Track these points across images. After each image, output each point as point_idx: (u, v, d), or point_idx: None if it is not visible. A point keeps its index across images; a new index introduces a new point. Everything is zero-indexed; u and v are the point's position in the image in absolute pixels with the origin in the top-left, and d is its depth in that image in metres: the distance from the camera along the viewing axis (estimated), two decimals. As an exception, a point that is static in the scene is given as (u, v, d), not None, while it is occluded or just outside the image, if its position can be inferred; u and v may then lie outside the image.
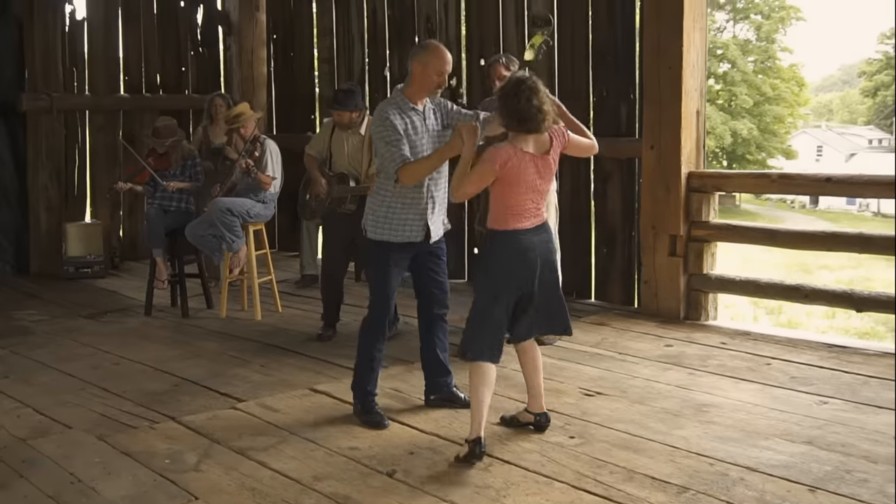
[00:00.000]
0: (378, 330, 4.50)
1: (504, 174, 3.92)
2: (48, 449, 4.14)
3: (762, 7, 43.04)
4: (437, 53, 4.35)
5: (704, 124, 6.46)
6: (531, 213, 4.03)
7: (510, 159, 3.90)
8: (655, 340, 5.88)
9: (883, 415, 4.39)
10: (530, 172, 3.95)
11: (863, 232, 5.90)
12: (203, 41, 9.92)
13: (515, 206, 3.99)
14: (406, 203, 4.36)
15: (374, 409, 4.45)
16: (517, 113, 3.88)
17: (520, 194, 3.97)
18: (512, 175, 3.92)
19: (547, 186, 4.09)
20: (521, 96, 3.86)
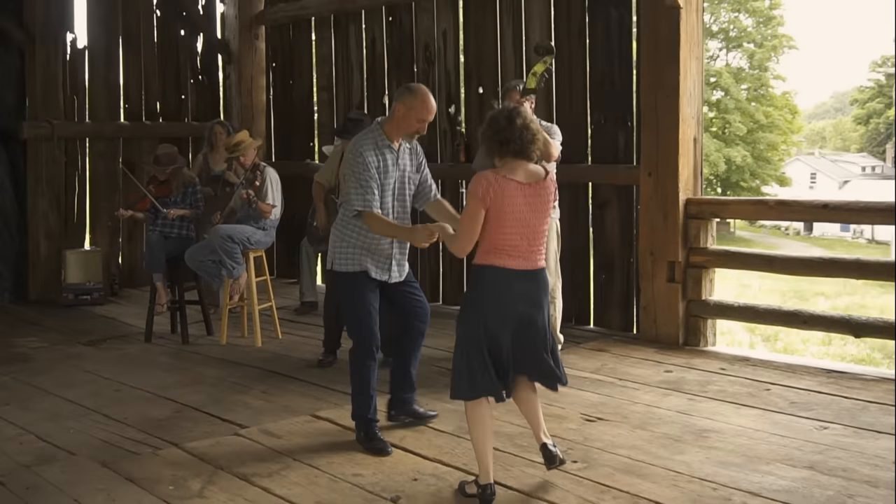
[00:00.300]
0: (367, 356, 4.51)
1: (490, 206, 3.73)
2: (52, 475, 4.15)
3: (755, 36, 43.35)
4: (422, 100, 4.40)
5: (702, 152, 6.52)
6: (519, 251, 3.77)
7: (491, 185, 3.70)
8: (655, 366, 5.91)
9: (883, 440, 4.42)
10: (517, 203, 3.73)
11: (860, 258, 5.95)
12: (203, 69, 10.00)
13: (499, 241, 3.75)
14: (370, 241, 4.46)
15: (377, 436, 4.47)
16: (507, 137, 3.73)
17: (504, 226, 3.73)
18: (496, 204, 3.71)
19: (540, 224, 3.82)
20: (514, 122, 3.75)
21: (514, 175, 3.75)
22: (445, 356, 6.24)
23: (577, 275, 7.15)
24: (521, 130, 3.74)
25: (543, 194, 3.81)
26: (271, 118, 10.01)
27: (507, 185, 3.72)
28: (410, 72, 8.44)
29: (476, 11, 7.91)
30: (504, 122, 3.77)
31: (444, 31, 8.15)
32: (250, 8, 9.78)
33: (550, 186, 3.85)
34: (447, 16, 8.13)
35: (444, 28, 8.15)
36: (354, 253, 4.48)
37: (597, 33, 7.02)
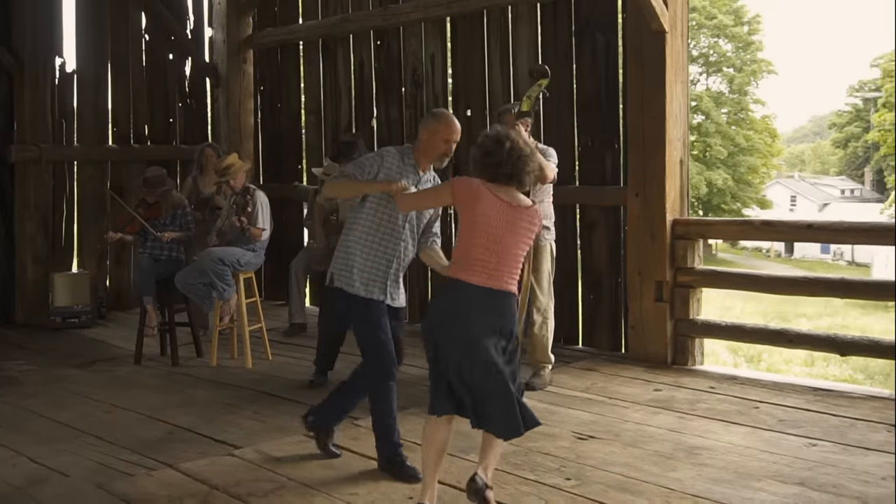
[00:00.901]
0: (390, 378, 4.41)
1: (462, 203, 3.74)
2: (47, 497, 4.15)
3: (734, 60, 43.84)
4: (446, 122, 4.41)
5: (688, 173, 6.62)
6: (486, 266, 3.69)
7: (471, 188, 3.71)
8: (644, 385, 5.96)
9: (871, 456, 4.48)
10: (490, 212, 3.67)
11: (844, 277, 6.04)
12: (191, 93, 10.04)
13: (468, 252, 3.71)
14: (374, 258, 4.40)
15: (405, 462, 4.38)
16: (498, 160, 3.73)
17: (476, 237, 3.68)
18: (470, 204, 3.70)
19: (513, 246, 3.72)
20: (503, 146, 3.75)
21: (499, 192, 3.72)
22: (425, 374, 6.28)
23: (565, 295, 7.20)
24: (511, 155, 3.72)
25: (524, 218, 3.74)
26: (259, 141, 10.06)
27: (489, 196, 3.69)
28: (398, 95, 8.52)
29: (463, 35, 8.01)
30: (493, 145, 3.76)
31: (431, 54, 8.23)
32: (238, 32, 9.85)
33: (534, 215, 3.79)
34: (435, 39, 8.22)
35: (431, 52, 8.23)
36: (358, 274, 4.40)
37: (584, 57, 7.12)
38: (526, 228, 3.74)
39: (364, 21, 8.73)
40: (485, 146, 3.80)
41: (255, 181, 9.44)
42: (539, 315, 5.92)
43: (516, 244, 3.73)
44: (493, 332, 3.68)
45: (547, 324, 5.97)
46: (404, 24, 8.39)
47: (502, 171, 3.72)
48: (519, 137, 3.83)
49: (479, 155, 3.80)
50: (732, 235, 7.57)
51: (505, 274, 3.71)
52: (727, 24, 43.01)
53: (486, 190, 3.72)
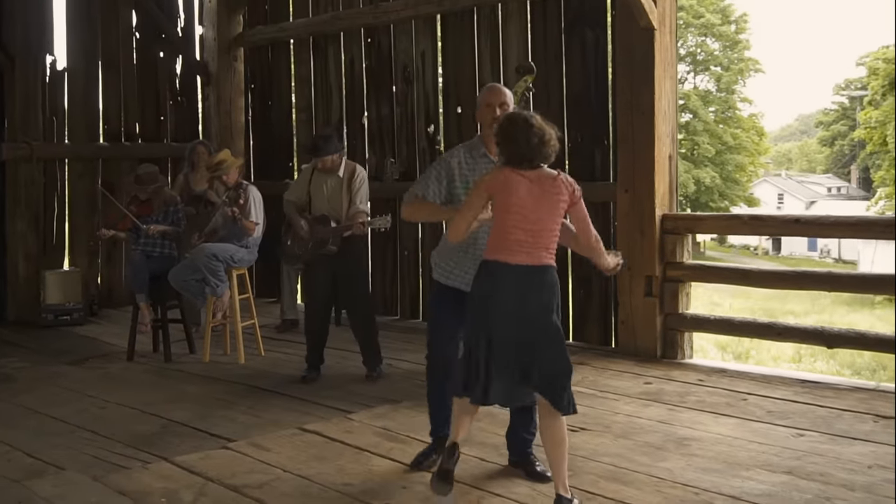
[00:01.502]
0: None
1: (495, 193, 3.74)
2: (43, 490, 4.16)
3: (722, 59, 44.06)
4: (487, 90, 4.37)
5: (677, 168, 6.68)
6: (522, 246, 3.71)
7: (499, 182, 3.73)
8: (635, 378, 6.02)
9: (857, 445, 4.54)
10: (522, 195, 3.69)
11: (832, 271, 6.12)
12: (182, 91, 10.06)
13: (503, 234, 3.74)
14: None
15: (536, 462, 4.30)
16: (516, 151, 3.73)
17: (509, 219, 3.71)
18: (503, 195, 3.71)
19: (549, 223, 3.73)
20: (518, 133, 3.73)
21: (526, 174, 3.72)
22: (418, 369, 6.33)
23: (556, 290, 7.25)
24: (531, 141, 3.70)
25: (553, 191, 3.72)
26: (250, 139, 10.09)
27: (516, 181, 3.70)
28: (389, 92, 8.56)
29: (454, 33, 8.06)
30: (511, 132, 3.74)
31: (422, 52, 8.28)
32: (229, 30, 9.86)
33: (560, 184, 3.74)
34: (425, 37, 8.27)
35: (422, 49, 8.28)
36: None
37: (573, 54, 7.18)
38: (556, 199, 3.72)
39: (355, 19, 8.77)
40: (504, 132, 3.79)
41: (246, 179, 9.46)
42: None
43: (551, 218, 3.74)
44: (536, 306, 3.73)
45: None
46: (395, 21, 8.44)
47: (525, 157, 3.73)
48: (535, 117, 3.79)
49: (501, 141, 3.81)
50: (721, 230, 7.68)
51: (543, 250, 3.74)
52: (714, 22, 43.22)
53: (514, 177, 3.71)
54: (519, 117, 3.79)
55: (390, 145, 8.58)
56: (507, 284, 3.72)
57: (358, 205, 6.21)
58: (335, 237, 6.12)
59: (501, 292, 3.71)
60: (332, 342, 6.55)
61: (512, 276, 3.71)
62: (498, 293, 3.72)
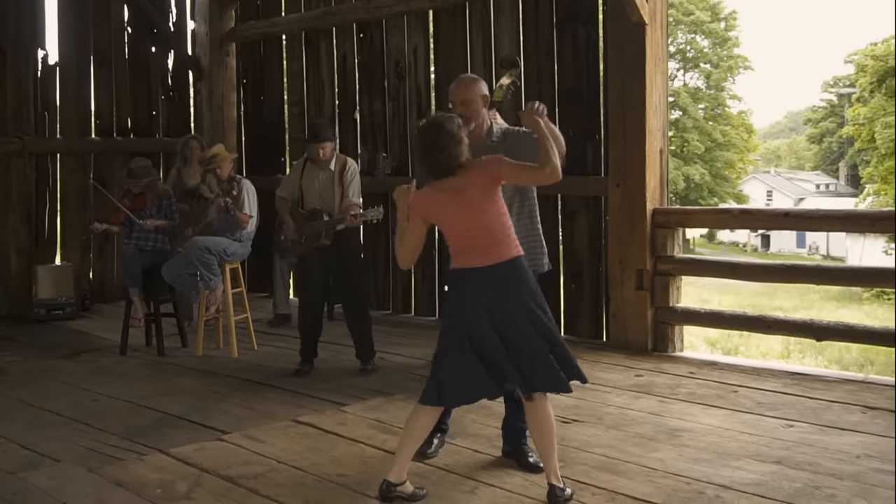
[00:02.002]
0: None
1: (427, 216, 3.81)
2: (39, 481, 4.18)
3: (711, 56, 44.20)
4: (453, 86, 4.35)
5: (667, 163, 6.73)
6: (477, 250, 3.76)
7: (419, 200, 3.79)
8: (626, 371, 6.07)
9: (846, 436, 4.60)
10: (451, 210, 3.75)
11: (820, 264, 6.18)
12: (174, 86, 10.05)
13: (455, 245, 3.82)
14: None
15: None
16: (422, 163, 3.82)
17: (453, 233, 3.81)
18: (433, 216, 3.80)
19: (489, 220, 3.75)
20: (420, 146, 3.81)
21: (446, 186, 3.75)
22: (420, 364, 6.37)
23: (547, 284, 7.28)
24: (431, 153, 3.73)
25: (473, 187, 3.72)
26: (242, 134, 10.10)
27: (435, 196, 3.76)
28: (381, 87, 8.59)
29: (446, 28, 8.09)
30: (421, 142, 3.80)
31: (414, 47, 8.30)
32: (221, 25, 9.87)
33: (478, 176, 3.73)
34: (418, 32, 8.30)
35: (414, 44, 8.31)
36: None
37: (565, 49, 7.21)
38: (481, 194, 3.72)
39: (347, 14, 8.78)
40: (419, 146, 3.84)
41: (238, 174, 9.47)
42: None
43: (484, 216, 3.74)
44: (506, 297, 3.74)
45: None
46: (387, 16, 8.46)
47: (442, 167, 3.75)
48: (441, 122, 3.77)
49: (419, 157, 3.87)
50: (712, 224, 7.74)
51: (494, 245, 3.75)
52: (704, 20, 43.36)
53: (434, 195, 3.77)
54: (424, 129, 3.80)
55: (382, 140, 8.61)
56: (466, 286, 3.77)
57: (350, 198, 6.23)
58: (328, 230, 6.14)
59: (463, 294, 3.77)
60: (326, 336, 6.57)
61: (473, 278, 3.75)
62: (461, 295, 3.78)
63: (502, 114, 5.50)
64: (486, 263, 3.74)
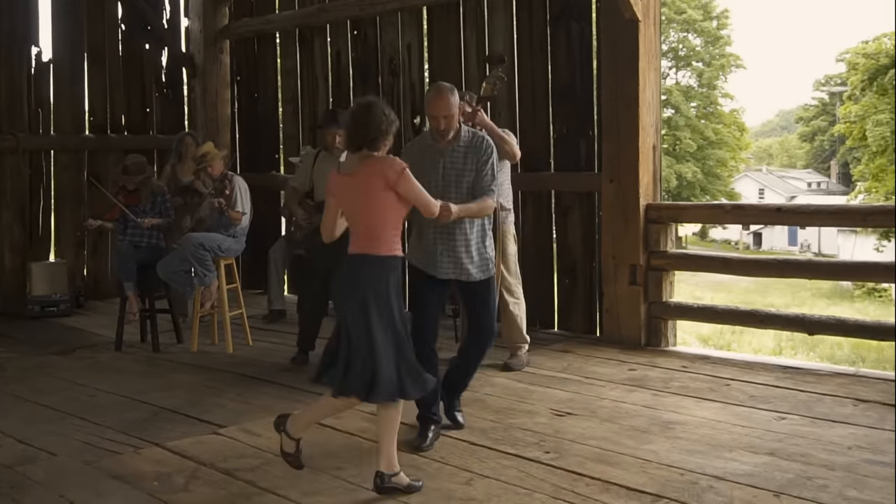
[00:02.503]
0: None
1: (334, 196, 4.00)
2: (36, 475, 4.20)
3: (703, 55, 44.31)
4: (428, 100, 4.54)
5: (661, 158, 6.76)
6: (359, 236, 3.93)
7: (332, 180, 4.02)
8: (619, 365, 6.10)
9: (838, 428, 4.64)
10: (347, 193, 3.93)
11: (812, 259, 6.23)
12: (168, 83, 10.06)
13: (349, 228, 4.03)
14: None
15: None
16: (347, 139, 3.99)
17: (346, 215, 4.02)
18: (338, 196, 3.99)
19: (373, 211, 3.89)
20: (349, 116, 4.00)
21: (349, 166, 3.94)
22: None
23: (541, 280, 7.34)
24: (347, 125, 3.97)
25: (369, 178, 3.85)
26: (236, 131, 10.10)
27: (340, 176, 3.96)
28: (376, 84, 8.61)
29: (440, 25, 8.11)
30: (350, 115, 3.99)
31: (408, 44, 8.33)
32: (215, 22, 9.87)
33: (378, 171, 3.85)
34: (412, 29, 8.32)
35: (408, 41, 8.33)
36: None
37: (558, 46, 7.24)
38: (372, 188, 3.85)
39: (341, 11, 8.80)
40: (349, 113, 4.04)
41: (233, 171, 9.48)
42: (510, 296, 6.03)
43: (371, 207, 3.88)
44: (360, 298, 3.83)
45: (519, 304, 6.09)
46: (381, 13, 8.48)
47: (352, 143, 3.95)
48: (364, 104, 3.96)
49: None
50: (705, 219, 7.79)
51: (374, 237, 3.89)
52: (696, 18, 43.46)
53: (336, 177, 3.98)
54: (359, 103, 4.00)
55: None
56: (345, 270, 3.94)
57: None
58: None
59: (345, 281, 3.91)
60: (323, 332, 6.56)
61: (351, 264, 3.92)
62: (343, 282, 3.92)
63: (488, 109, 5.55)
64: (362, 252, 3.90)
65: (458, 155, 4.53)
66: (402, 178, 3.86)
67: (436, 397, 4.53)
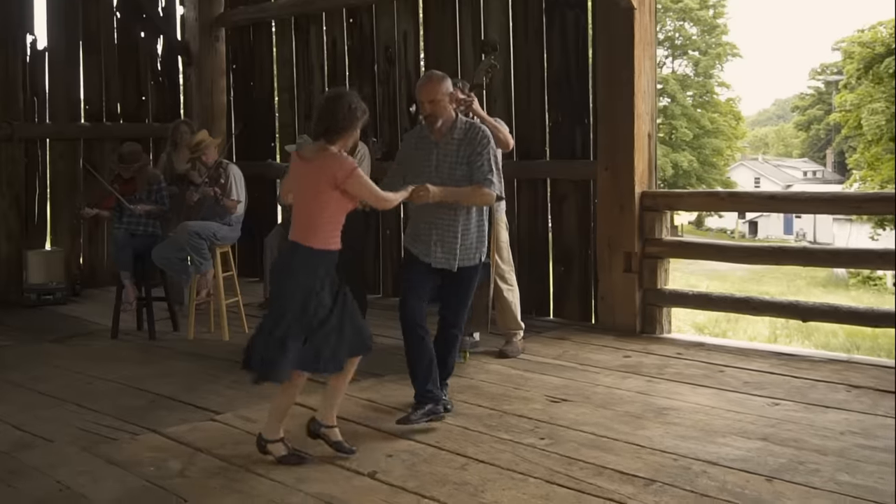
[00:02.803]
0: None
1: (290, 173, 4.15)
2: (33, 460, 4.22)
3: (699, 44, 44.27)
4: (417, 86, 4.61)
5: (656, 146, 6.77)
6: (298, 223, 4.05)
7: (294, 156, 4.12)
8: (614, 352, 6.13)
9: (831, 413, 4.68)
10: (299, 177, 4.05)
11: (806, 246, 6.25)
12: (163, 71, 10.04)
13: (293, 209, 4.13)
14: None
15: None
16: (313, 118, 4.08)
17: (294, 198, 4.11)
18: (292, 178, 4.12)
19: (315, 204, 3.99)
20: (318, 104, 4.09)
21: (307, 153, 4.04)
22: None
23: (536, 267, 7.36)
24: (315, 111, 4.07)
25: (318, 171, 3.96)
26: (232, 119, 10.10)
27: (298, 162, 4.06)
28: (371, 72, 8.61)
29: (436, 13, 8.10)
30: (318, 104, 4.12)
31: (404, 32, 8.32)
32: (210, 10, 9.86)
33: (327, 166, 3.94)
34: (407, 17, 8.32)
35: (404, 29, 8.33)
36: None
37: (554, 34, 7.25)
38: (319, 180, 3.95)
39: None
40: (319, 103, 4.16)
41: (228, 159, 9.48)
42: (503, 283, 6.04)
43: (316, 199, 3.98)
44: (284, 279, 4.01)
45: (513, 291, 6.11)
46: (376, 1, 8.48)
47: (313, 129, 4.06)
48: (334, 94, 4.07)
49: None
50: (700, 207, 7.86)
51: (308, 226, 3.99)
52: (692, 7, 43.41)
53: (295, 163, 4.09)
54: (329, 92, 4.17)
55: (372, 125, 8.60)
56: (284, 258, 4.08)
57: None
58: None
59: (281, 267, 4.08)
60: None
61: (289, 252, 4.05)
62: (278, 267, 4.10)
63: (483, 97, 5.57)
64: (295, 240, 4.02)
65: (451, 147, 4.57)
66: (350, 178, 3.95)
67: (429, 375, 4.62)
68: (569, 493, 3.71)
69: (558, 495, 3.69)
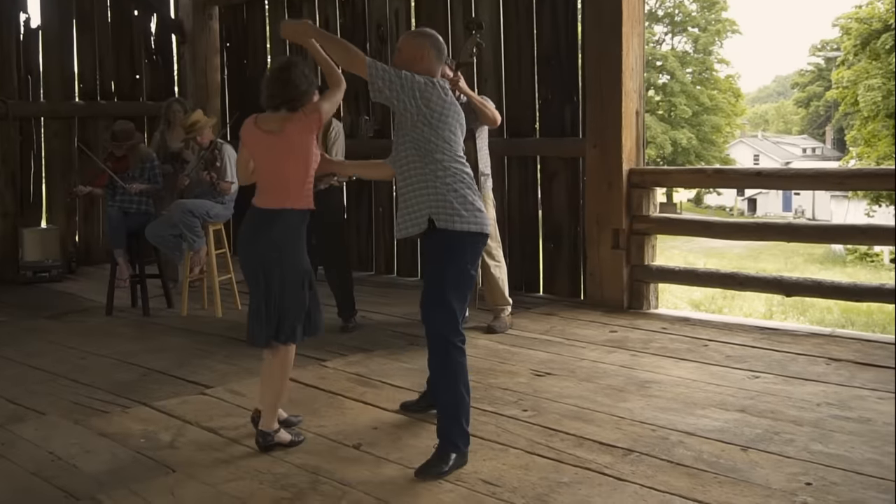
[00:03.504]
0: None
1: (248, 147, 4.08)
2: (25, 432, 4.31)
3: (699, 20, 44.12)
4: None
5: (644, 124, 6.82)
6: (269, 191, 4.01)
7: (245, 131, 4.06)
8: (601, 327, 6.21)
9: (809, 386, 4.76)
10: (262, 148, 4.00)
11: (791, 222, 6.32)
12: (157, 49, 10.08)
13: (259, 181, 4.08)
14: None
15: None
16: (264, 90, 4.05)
17: (259, 168, 4.06)
18: (251, 149, 4.07)
19: (293, 168, 3.97)
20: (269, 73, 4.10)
21: (267, 123, 4.00)
22: (401, 322, 6.52)
23: (526, 244, 7.43)
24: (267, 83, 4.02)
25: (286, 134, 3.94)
26: (226, 98, 10.14)
27: (255, 131, 4.01)
28: (363, 50, 8.58)
29: (427, -9, 8.13)
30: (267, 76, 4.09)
31: (395, 10, 8.35)
32: (204, -12, 9.88)
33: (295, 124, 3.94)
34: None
35: (395, 7, 8.35)
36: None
37: (543, 12, 7.27)
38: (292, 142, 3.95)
39: (329, -23, 8.81)
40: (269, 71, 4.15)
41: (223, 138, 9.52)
42: (491, 259, 6.10)
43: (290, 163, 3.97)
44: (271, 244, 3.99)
45: (500, 267, 6.17)
46: (368, -20, 8.50)
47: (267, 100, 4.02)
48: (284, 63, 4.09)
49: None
50: (687, 183, 7.90)
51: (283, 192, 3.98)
52: (692, -17, 43.21)
53: (251, 129, 4.04)
54: (279, 61, 4.16)
55: (365, 103, 8.66)
56: (252, 226, 4.02)
57: (333, 157, 6.30)
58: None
59: (248, 233, 4.02)
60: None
61: (259, 219, 4.00)
62: (247, 234, 4.03)
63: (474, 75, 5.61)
64: (272, 207, 3.98)
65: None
66: (319, 106, 4.00)
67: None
68: (548, 462, 3.79)
69: (537, 465, 3.77)
